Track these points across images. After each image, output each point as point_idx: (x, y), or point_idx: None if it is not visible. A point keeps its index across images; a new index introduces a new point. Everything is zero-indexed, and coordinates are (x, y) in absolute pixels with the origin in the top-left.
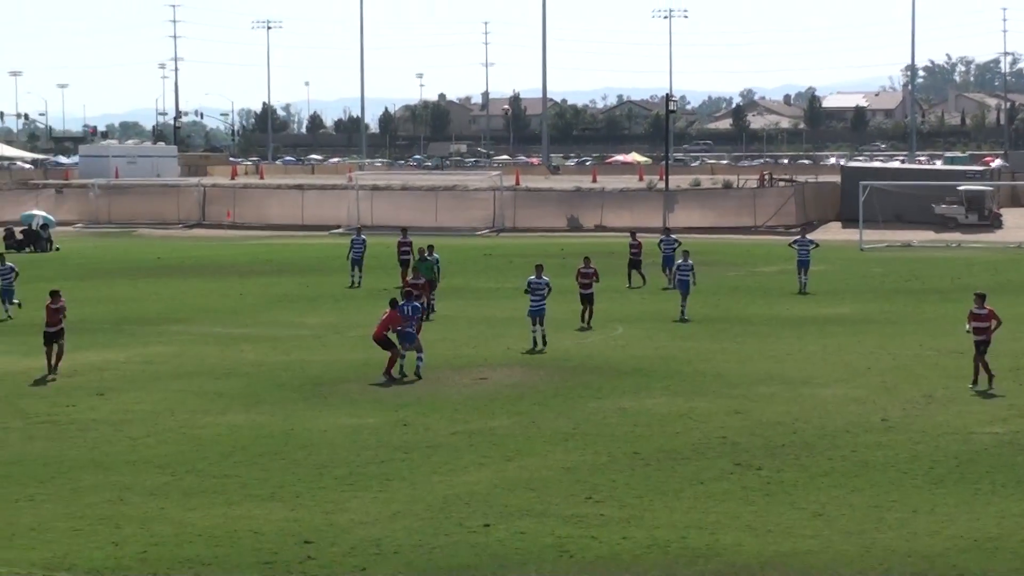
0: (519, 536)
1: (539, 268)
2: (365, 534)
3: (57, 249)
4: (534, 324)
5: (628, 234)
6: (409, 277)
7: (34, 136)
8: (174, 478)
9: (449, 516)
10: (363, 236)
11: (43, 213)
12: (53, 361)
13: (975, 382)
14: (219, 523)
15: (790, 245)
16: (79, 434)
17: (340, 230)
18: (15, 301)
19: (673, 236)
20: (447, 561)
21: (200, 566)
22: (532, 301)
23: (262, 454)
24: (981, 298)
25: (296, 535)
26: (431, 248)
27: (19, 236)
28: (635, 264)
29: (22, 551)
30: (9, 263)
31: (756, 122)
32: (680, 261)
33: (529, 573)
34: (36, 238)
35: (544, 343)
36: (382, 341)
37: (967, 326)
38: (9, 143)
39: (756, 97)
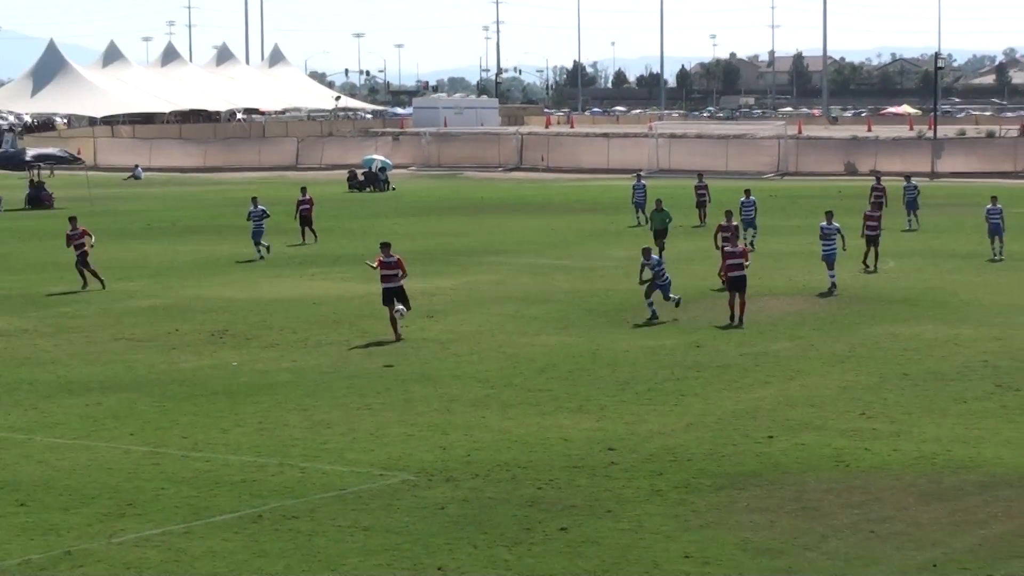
0: (799, 447)
1: (829, 215)
2: (662, 443)
3: (393, 189)
4: (830, 268)
5: (903, 178)
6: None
7: (374, 90)
8: (494, 391)
9: (737, 428)
10: (644, 182)
11: (382, 157)
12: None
13: None
14: (533, 431)
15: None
16: (412, 351)
17: (642, 173)
18: (263, 243)
19: (914, 183)
20: (735, 468)
21: (516, 468)
22: (824, 246)
23: (571, 371)
24: None
25: (601, 443)
26: (660, 201)
27: (360, 177)
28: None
29: (362, 452)
30: (261, 207)
31: (1017, 77)
32: (990, 206)
33: (808, 480)
34: (375, 179)
35: (832, 287)
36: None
37: None
38: (353, 96)
39: (1018, 55)
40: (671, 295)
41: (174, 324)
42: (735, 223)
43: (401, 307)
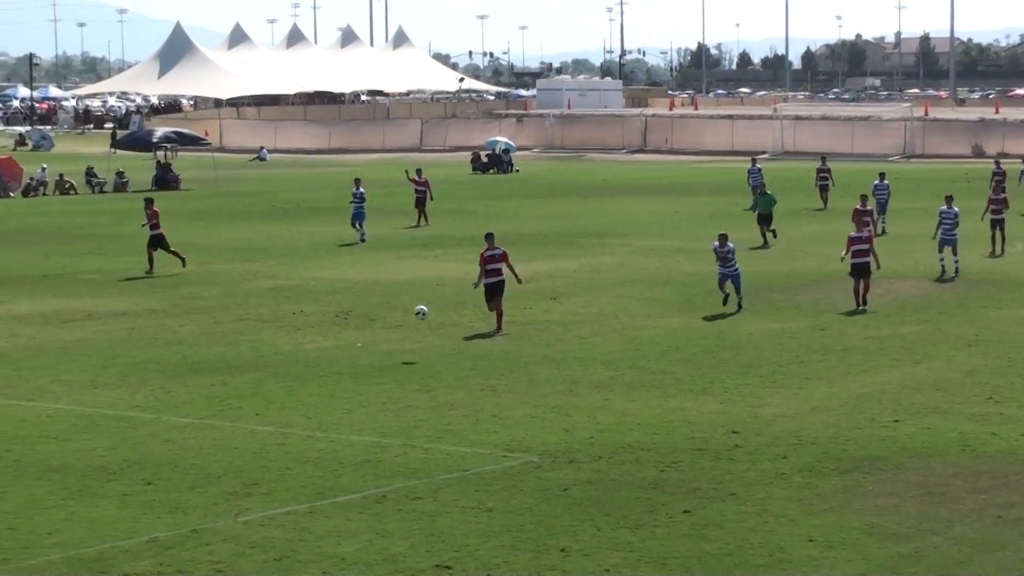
0: (926, 431)
1: (949, 199)
2: (786, 426)
3: (517, 171)
4: (941, 251)
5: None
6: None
7: (498, 72)
8: (617, 373)
9: (862, 412)
10: (759, 166)
11: (505, 139)
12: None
13: None
14: (656, 413)
15: None
16: (535, 333)
17: (765, 155)
18: (361, 227)
19: None
20: (860, 452)
21: (640, 451)
22: (944, 231)
23: (695, 353)
24: None
25: (724, 425)
26: (764, 185)
27: (484, 159)
28: None
29: (485, 434)
30: (362, 188)
31: None
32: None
33: (934, 464)
34: (499, 161)
35: (956, 272)
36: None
37: None
38: (476, 78)
39: None
40: (741, 293)
41: (299, 305)
42: (870, 207)
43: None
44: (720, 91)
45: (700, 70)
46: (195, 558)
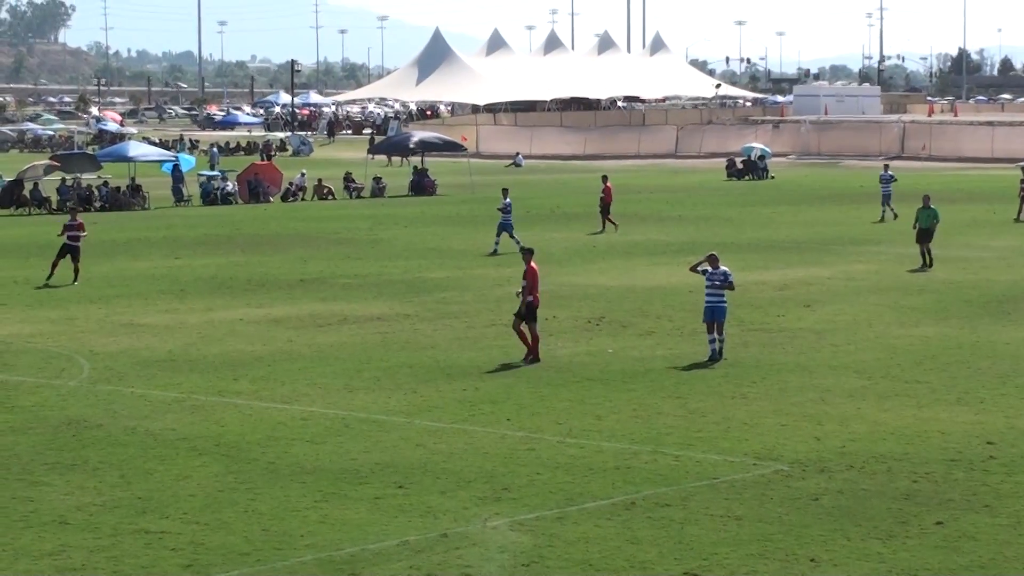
0: None
1: None
2: None
3: (772, 177)
4: None
5: None
6: None
7: (754, 77)
8: (870, 382)
9: None
10: (890, 173)
11: (761, 145)
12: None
13: None
14: (910, 423)
15: None
16: (787, 341)
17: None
18: (514, 236)
19: None
20: None
21: (892, 461)
22: None
23: (949, 363)
24: None
25: (979, 436)
26: (928, 198)
27: (739, 165)
28: None
29: (735, 442)
30: (508, 199)
31: None
32: None
33: None
34: (754, 167)
35: None
36: None
37: None
38: (733, 84)
39: None
40: (722, 336)
41: (551, 311)
42: None
43: None
44: (980, 97)
45: (960, 76)
46: (445, 562)
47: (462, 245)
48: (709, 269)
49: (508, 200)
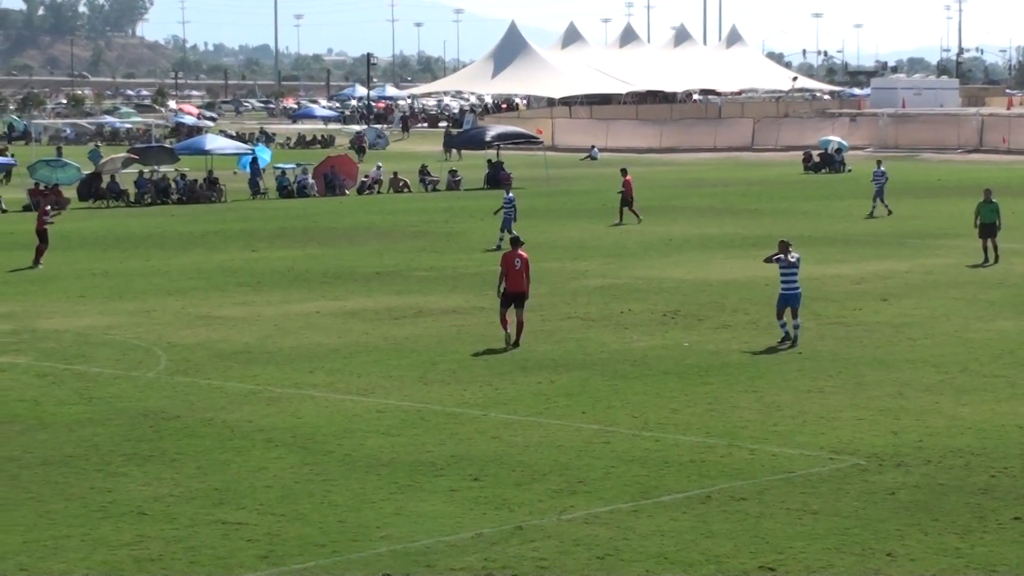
0: None
1: None
2: None
3: (849, 171)
4: None
5: None
6: None
7: (831, 70)
8: (948, 376)
9: None
10: (883, 168)
11: (838, 138)
12: None
13: None
14: (988, 418)
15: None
16: (864, 334)
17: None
18: (503, 234)
19: None
20: None
21: (969, 456)
22: None
23: None
24: None
25: None
26: (989, 192)
27: (816, 158)
28: None
29: (812, 436)
30: (511, 194)
31: None
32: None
33: None
34: (831, 161)
35: None
36: None
37: None
38: (810, 77)
39: None
40: (798, 321)
41: (626, 304)
42: None
43: None
44: None
45: None
46: (520, 554)
47: (537, 238)
48: (782, 257)
49: (511, 195)
